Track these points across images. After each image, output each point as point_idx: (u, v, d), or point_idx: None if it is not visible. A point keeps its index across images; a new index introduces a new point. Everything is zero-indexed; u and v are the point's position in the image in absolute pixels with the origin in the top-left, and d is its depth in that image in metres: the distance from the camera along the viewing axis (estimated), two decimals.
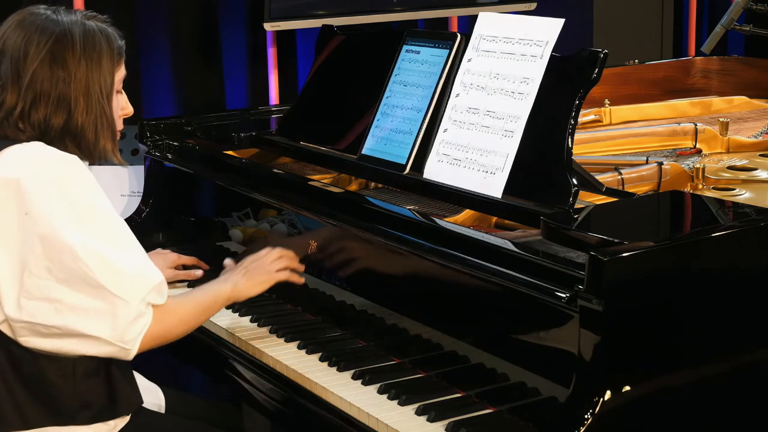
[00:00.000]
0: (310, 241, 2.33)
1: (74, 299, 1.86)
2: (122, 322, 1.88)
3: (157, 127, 2.99)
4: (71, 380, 1.93)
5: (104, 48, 1.98)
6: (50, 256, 1.84)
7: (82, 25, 1.97)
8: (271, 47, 3.84)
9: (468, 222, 2.20)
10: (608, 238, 1.72)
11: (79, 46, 1.95)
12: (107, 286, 1.86)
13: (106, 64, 1.98)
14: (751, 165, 2.55)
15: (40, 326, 1.86)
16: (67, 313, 1.86)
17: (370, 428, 1.88)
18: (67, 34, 1.95)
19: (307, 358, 2.14)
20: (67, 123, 1.95)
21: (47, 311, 1.85)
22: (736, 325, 1.78)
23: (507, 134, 2.14)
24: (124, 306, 1.87)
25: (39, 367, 1.91)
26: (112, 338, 1.88)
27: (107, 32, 2.01)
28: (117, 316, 1.87)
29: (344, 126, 2.56)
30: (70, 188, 1.89)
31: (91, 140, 1.98)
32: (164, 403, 2.26)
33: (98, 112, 1.97)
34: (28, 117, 1.94)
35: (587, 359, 1.67)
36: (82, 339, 1.88)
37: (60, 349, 1.89)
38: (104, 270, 1.86)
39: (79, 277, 1.85)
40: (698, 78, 3.55)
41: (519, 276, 1.81)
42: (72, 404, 1.94)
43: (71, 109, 1.94)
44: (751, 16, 3.46)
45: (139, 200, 2.96)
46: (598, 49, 2.08)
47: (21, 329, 1.88)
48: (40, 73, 1.93)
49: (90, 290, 1.86)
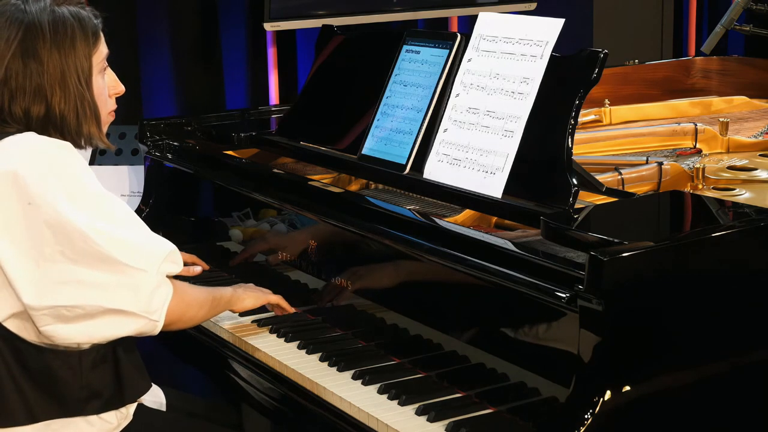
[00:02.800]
0: (309, 240, 2.33)
1: (93, 277, 1.86)
2: (144, 291, 1.89)
3: (157, 127, 2.99)
4: (78, 372, 1.93)
5: (77, 32, 1.96)
6: (60, 240, 1.84)
7: (51, 12, 1.95)
8: (271, 47, 3.84)
9: (468, 222, 2.20)
10: (608, 238, 1.72)
11: (49, 34, 1.93)
12: (122, 260, 1.86)
13: (81, 49, 1.96)
14: (751, 165, 2.55)
15: (63, 309, 1.85)
16: (88, 291, 1.85)
17: (370, 428, 1.88)
18: (35, 23, 1.93)
19: (308, 358, 2.14)
20: (47, 112, 1.94)
21: (68, 293, 1.85)
22: (736, 325, 1.78)
23: (507, 134, 2.14)
24: (143, 276, 1.88)
25: (45, 361, 1.91)
26: (137, 309, 1.88)
27: (79, 15, 1.98)
28: (138, 286, 1.88)
29: (344, 126, 2.56)
30: (68, 173, 1.89)
31: (73, 127, 1.97)
32: (164, 402, 2.26)
33: (78, 98, 1.96)
34: (9, 112, 1.93)
35: (587, 359, 1.67)
36: (107, 317, 1.87)
37: (86, 333, 1.88)
38: (116, 245, 1.86)
39: (94, 256, 1.85)
40: (698, 78, 3.54)
41: (519, 276, 1.81)
42: (80, 396, 1.94)
43: (48, 99, 1.93)
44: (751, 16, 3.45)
45: (139, 200, 2.97)
46: (598, 49, 2.08)
47: (44, 317, 1.86)
48: (12, 68, 1.92)
49: (107, 266, 1.86)
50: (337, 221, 2.24)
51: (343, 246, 2.26)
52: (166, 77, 3.77)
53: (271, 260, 2.50)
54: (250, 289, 2.28)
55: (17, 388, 1.91)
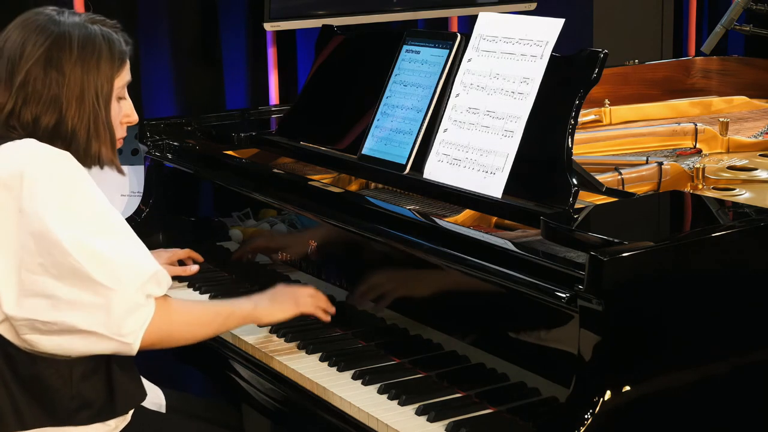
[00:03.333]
0: (309, 240, 2.33)
1: (69, 294, 1.84)
2: (117, 314, 1.85)
3: (157, 127, 2.99)
4: (69, 382, 1.92)
5: (104, 52, 1.96)
6: (42, 252, 1.83)
7: (83, 28, 1.95)
8: (271, 47, 3.84)
9: (468, 222, 2.20)
10: (608, 238, 1.72)
11: (76, 48, 1.93)
12: (99, 279, 1.83)
13: (105, 69, 1.96)
14: (751, 165, 2.55)
15: (39, 323, 1.85)
16: (62, 308, 1.84)
17: (370, 428, 1.88)
18: (65, 35, 1.93)
19: (308, 358, 2.14)
20: (57, 124, 1.93)
21: (44, 307, 1.84)
22: (736, 325, 1.78)
23: (507, 134, 2.14)
24: (116, 297, 1.84)
25: (36, 369, 1.91)
26: (108, 332, 1.85)
27: (110, 37, 1.98)
28: (111, 308, 1.85)
29: (344, 126, 2.56)
30: (62, 183, 1.88)
31: (82, 143, 1.95)
32: (165, 403, 2.26)
33: (92, 116, 1.95)
34: (18, 116, 1.93)
35: (587, 359, 1.67)
36: (79, 335, 1.86)
37: (62, 347, 1.87)
38: (95, 263, 1.84)
39: (71, 272, 1.83)
40: (698, 78, 3.55)
41: (519, 276, 1.81)
42: (70, 405, 1.93)
43: (62, 111, 1.93)
44: (751, 16, 3.45)
45: (139, 200, 2.96)
46: (598, 49, 2.08)
47: (22, 327, 1.86)
48: (33, 73, 1.91)
49: (82, 284, 1.84)
50: (337, 221, 2.24)
51: (343, 246, 2.25)
52: (166, 77, 3.76)
53: (271, 260, 2.50)
54: (277, 301, 2.17)
55: (8, 394, 1.90)
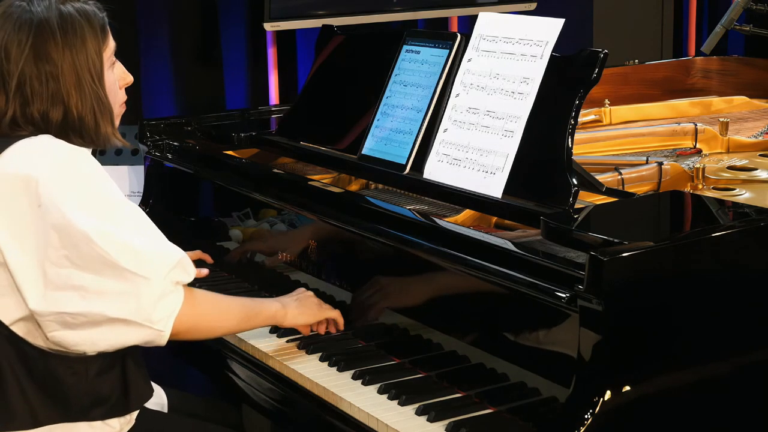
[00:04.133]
0: (309, 240, 2.33)
1: (97, 283, 1.83)
2: (147, 301, 1.85)
3: (157, 127, 2.99)
4: (84, 379, 1.91)
5: (86, 30, 1.93)
6: (66, 244, 1.83)
7: (57, 10, 1.92)
8: (271, 47, 3.84)
9: (468, 222, 2.20)
10: (608, 238, 1.72)
11: (59, 34, 1.90)
12: (127, 267, 1.83)
13: (92, 46, 1.94)
14: (751, 165, 2.55)
15: (68, 315, 1.83)
16: (91, 298, 1.83)
17: (370, 428, 1.88)
18: (44, 24, 1.90)
19: (307, 358, 2.14)
20: (65, 116, 1.92)
21: (73, 299, 1.83)
22: (736, 325, 1.78)
23: (507, 134, 2.14)
24: (146, 284, 1.84)
25: (51, 366, 1.90)
26: (139, 319, 1.84)
27: (85, 11, 1.95)
28: (141, 295, 1.84)
29: (344, 126, 2.56)
30: (80, 178, 1.88)
31: (92, 127, 1.95)
32: (166, 402, 2.26)
33: (93, 98, 1.94)
34: (23, 116, 1.91)
35: (587, 359, 1.67)
36: (109, 325, 1.84)
37: (92, 340, 1.86)
38: (121, 251, 1.83)
39: (98, 261, 1.83)
40: (698, 78, 3.55)
41: (519, 276, 1.81)
42: (84, 402, 1.92)
43: (66, 102, 1.92)
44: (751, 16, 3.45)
45: (139, 200, 2.96)
46: (598, 49, 2.08)
47: (50, 323, 1.85)
48: (26, 73, 1.90)
49: (111, 272, 1.83)
50: (337, 221, 2.24)
51: (343, 246, 2.25)
52: (166, 77, 3.76)
53: (270, 260, 2.50)
54: (304, 305, 2.17)
55: (22, 391, 1.90)
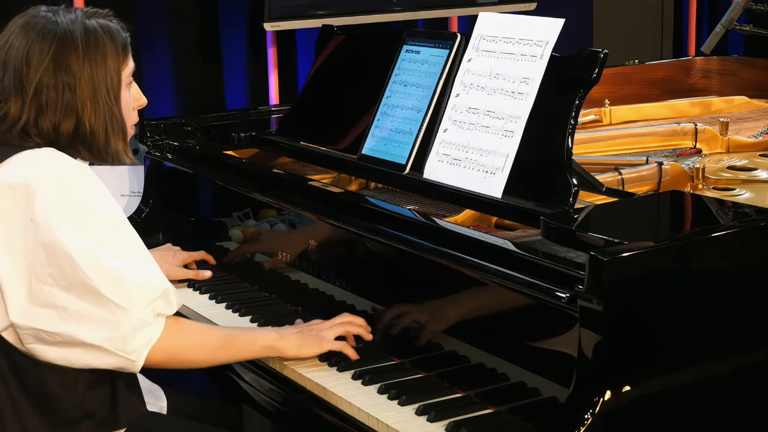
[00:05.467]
0: (309, 240, 2.33)
1: (77, 307, 1.83)
2: (123, 331, 1.84)
3: (157, 127, 2.99)
4: (73, 391, 1.91)
5: (108, 47, 1.94)
6: (53, 263, 1.83)
7: (82, 24, 1.93)
8: (271, 47, 3.84)
9: (468, 222, 2.20)
10: (608, 238, 1.72)
11: (81, 48, 1.91)
12: (107, 294, 1.83)
13: (112, 63, 1.94)
14: (751, 165, 2.55)
15: (44, 333, 1.84)
16: (70, 320, 1.84)
17: (370, 428, 1.88)
18: (67, 36, 1.91)
19: (307, 358, 2.14)
20: (77, 128, 1.92)
21: (51, 318, 1.84)
22: (736, 325, 1.78)
23: (507, 134, 2.14)
24: (124, 314, 1.84)
25: (40, 376, 1.90)
26: (112, 347, 1.85)
27: (109, 29, 1.96)
28: (118, 324, 1.84)
29: (344, 126, 2.56)
30: (75, 195, 1.87)
31: (102, 143, 1.95)
32: (166, 403, 2.26)
33: (107, 114, 1.94)
34: (35, 125, 1.91)
35: (587, 359, 1.67)
36: (84, 348, 1.85)
37: (65, 358, 1.87)
38: (104, 278, 1.83)
39: (80, 285, 1.83)
40: (698, 78, 3.55)
41: (519, 276, 1.81)
42: (73, 414, 1.92)
43: (79, 114, 1.91)
44: (751, 16, 3.46)
45: (139, 200, 2.96)
46: (598, 49, 2.08)
47: (26, 336, 1.86)
48: (44, 82, 1.89)
49: (91, 298, 1.83)
50: (337, 221, 2.24)
51: (343, 246, 2.25)
52: (166, 77, 3.76)
53: (270, 261, 2.50)
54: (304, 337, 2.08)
55: (11, 400, 1.90)
